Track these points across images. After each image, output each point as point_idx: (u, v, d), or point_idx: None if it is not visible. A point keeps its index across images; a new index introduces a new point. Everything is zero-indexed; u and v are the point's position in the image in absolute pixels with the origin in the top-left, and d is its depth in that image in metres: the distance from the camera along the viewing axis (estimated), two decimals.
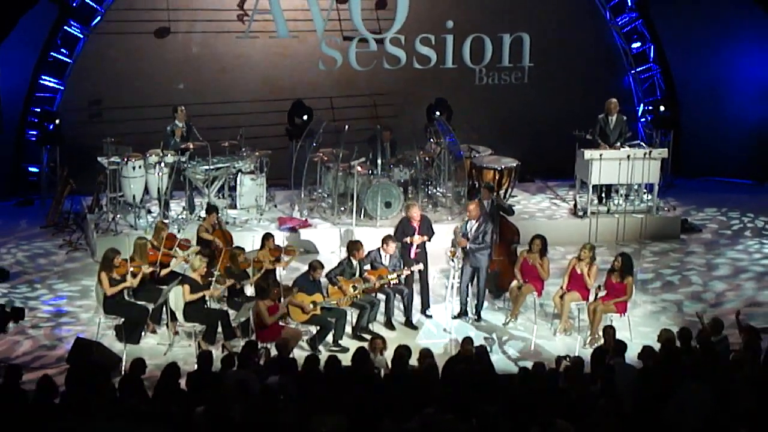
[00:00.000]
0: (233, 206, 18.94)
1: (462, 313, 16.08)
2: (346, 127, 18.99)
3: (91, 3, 20.32)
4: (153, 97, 20.51)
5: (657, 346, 12.89)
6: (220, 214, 17.43)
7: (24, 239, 18.94)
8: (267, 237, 16.12)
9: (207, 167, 18.51)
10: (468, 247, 15.74)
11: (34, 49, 20.20)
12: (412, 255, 15.90)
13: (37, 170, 20.80)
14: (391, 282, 15.54)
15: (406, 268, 15.70)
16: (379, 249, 15.69)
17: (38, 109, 20.46)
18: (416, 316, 16.02)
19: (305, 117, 20.61)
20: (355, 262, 15.47)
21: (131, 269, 14.86)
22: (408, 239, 15.88)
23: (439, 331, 15.81)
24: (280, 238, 17.74)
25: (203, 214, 17.95)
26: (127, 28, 20.50)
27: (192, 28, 20.80)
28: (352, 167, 18.66)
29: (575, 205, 19.76)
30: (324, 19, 20.97)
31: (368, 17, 21.25)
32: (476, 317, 16.04)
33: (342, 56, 21.34)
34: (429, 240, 16.11)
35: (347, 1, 21.09)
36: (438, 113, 20.74)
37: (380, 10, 21.30)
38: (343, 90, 21.57)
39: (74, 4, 20.21)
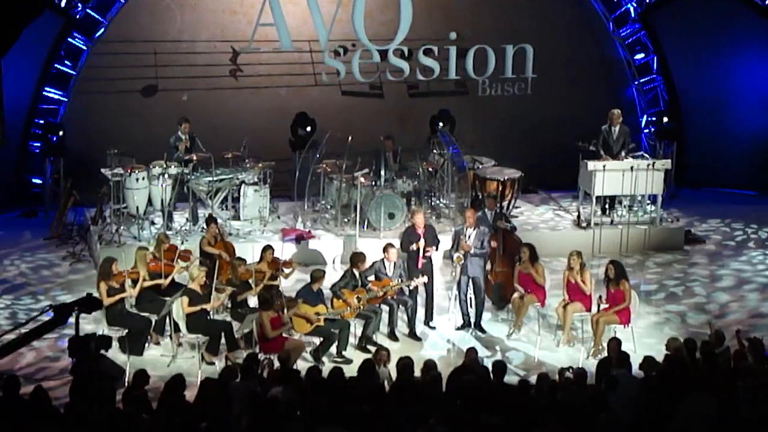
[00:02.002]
0: (236, 217, 18.95)
1: (465, 325, 16.07)
2: (349, 138, 19.01)
3: (94, 15, 20.38)
4: (157, 110, 20.56)
5: (662, 356, 12.89)
6: (222, 225, 17.45)
7: (28, 251, 18.95)
8: (266, 249, 16.13)
9: (210, 179, 18.52)
10: (472, 252, 15.74)
11: (38, 60, 20.24)
12: (419, 265, 15.89)
13: (41, 182, 20.81)
14: (395, 292, 15.53)
15: (411, 280, 15.71)
16: (382, 259, 15.69)
17: (42, 121, 20.49)
18: (420, 327, 16.01)
19: (308, 128, 20.62)
20: (358, 274, 15.47)
21: (129, 276, 14.95)
22: (414, 246, 15.84)
23: (442, 342, 15.81)
24: (289, 250, 17.77)
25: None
26: (130, 45, 20.59)
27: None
28: (355, 178, 18.67)
29: (579, 217, 19.75)
30: (327, 30, 20.98)
31: (371, 29, 21.26)
32: (479, 328, 16.02)
33: (345, 68, 21.33)
34: (436, 249, 16.08)
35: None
36: (441, 124, 20.76)
37: (385, 20, 21.35)
38: (347, 101, 21.58)
39: (78, 16, 20.26)
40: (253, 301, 15.59)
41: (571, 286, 15.47)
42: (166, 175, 18.24)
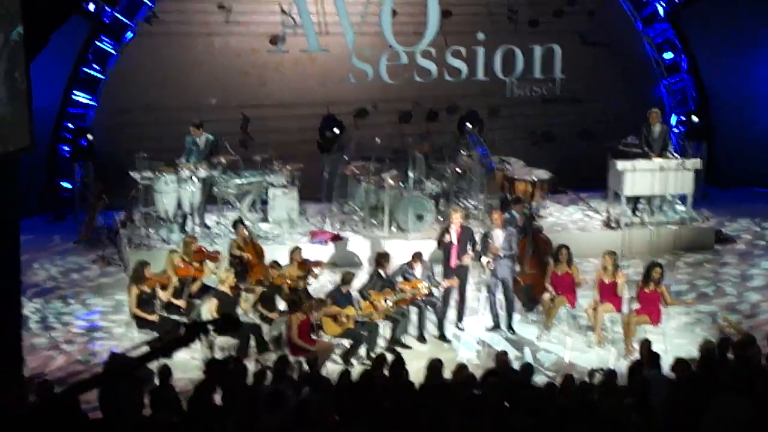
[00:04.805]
0: (265, 220, 18.96)
1: (495, 326, 16.03)
2: (378, 140, 18.98)
3: (122, 18, 20.41)
4: (184, 112, 20.59)
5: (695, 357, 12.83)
6: (250, 227, 17.45)
7: (57, 254, 19.01)
8: (294, 250, 16.14)
9: (239, 181, 18.54)
10: (501, 255, 15.68)
11: (67, 64, 20.27)
12: (452, 264, 15.83)
13: (70, 186, 20.86)
14: (423, 293, 15.48)
15: (445, 280, 15.67)
16: (409, 262, 15.66)
17: (71, 125, 20.55)
18: (450, 329, 15.97)
19: (336, 130, 20.61)
20: (384, 274, 15.44)
21: (160, 282, 15.02)
22: (446, 237, 15.72)
23: (472, 344, 15.76)
24: (318, 251, 17.78)
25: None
26: (157, 48, 20.65)
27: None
28: (383, 180, 18.65)
29: (608, 217, 19.66)
30: (354, 32, 20.99)
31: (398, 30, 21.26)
32: (509, 330, 15.97)
33: (373, 69, 21.32)
34: (473, 251, 15.93)
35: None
36: (469, 125, 20.70)
37: (411, 22, 21.31)
38: (374, 103, 21.57)
39: (106, 20, 20.30)
40: (282, 305, 15.58)
41: (603, 286, 15.39)
42: (194, 178, 18.27)
